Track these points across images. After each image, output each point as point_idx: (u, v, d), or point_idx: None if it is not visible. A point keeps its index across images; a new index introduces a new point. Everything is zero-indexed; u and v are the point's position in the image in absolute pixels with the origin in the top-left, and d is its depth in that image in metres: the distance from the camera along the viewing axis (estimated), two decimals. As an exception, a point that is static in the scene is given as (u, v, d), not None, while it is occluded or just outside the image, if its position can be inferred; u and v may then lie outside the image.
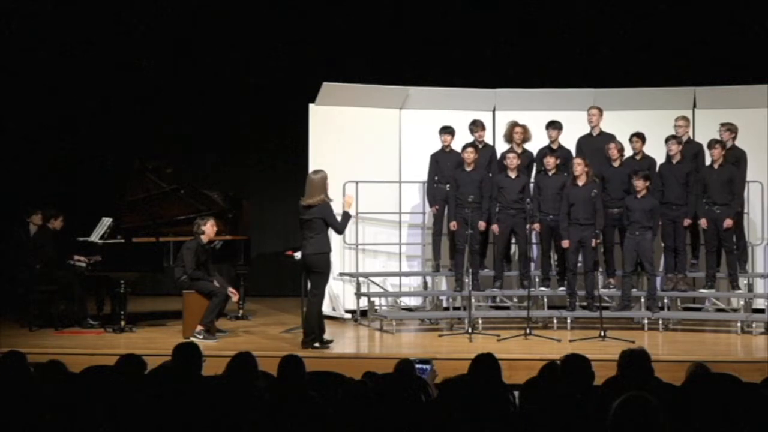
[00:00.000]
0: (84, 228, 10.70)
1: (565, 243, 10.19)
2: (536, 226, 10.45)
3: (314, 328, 8.98)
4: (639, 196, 10.06)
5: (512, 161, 10.49)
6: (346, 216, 9.08)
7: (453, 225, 10.55)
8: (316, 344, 8.93)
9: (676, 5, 12.32)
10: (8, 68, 12.28)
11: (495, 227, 10.60)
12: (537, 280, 10.85)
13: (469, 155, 10.49)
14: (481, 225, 10.44)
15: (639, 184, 10.04)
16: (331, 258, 9.21)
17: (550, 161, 10.46)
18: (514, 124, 10.94)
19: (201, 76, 13.26)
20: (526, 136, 10.89)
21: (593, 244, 10.01)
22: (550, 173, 10.50)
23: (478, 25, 12.73)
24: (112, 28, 12.93)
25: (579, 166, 10.14)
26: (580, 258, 10.30)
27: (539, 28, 12.69)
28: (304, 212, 8.97)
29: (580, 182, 10.12)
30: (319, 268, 8.95)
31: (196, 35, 13.12)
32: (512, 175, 10.50)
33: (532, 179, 10.85)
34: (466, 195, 10.23)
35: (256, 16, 13.03)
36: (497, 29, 12.79)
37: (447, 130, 10.90)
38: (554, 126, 10.84)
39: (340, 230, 9.16)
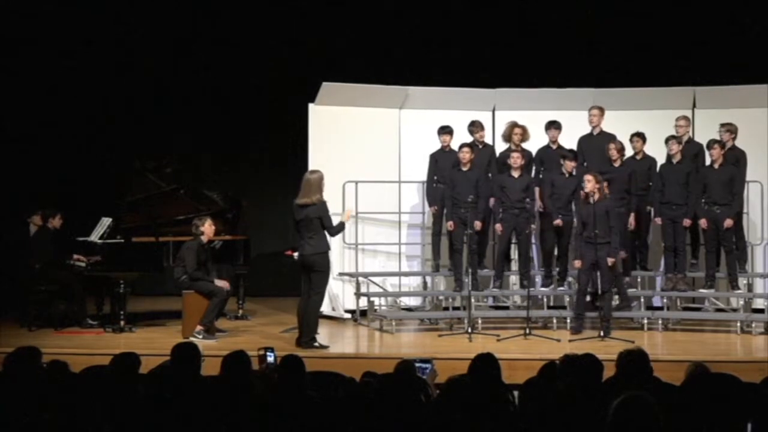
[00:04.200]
0: (84, 228, 10.70)
1: (577, 263, 9.85)
2: (559, 221, 10.39)
3: (313, 327, 8.99)
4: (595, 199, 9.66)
5: (516, 160, 10.41)
6: (341, 225, 9.10)
7: (450, 225, 10.55)
8: (316, 344, 8.94)
9: (676, 5, 12.31)
10: (8, 68, 12.27)
11: (498, 226, 10.57)
12: (537, 280, 10.84)
13: (465, 155, 10.45)
14: (477, 225, 10.42)
15: (568, 164, 10.24)
16: (330, 257, 9.22)
17: (569, 165, 10.36)
18: (513, 125, 10.93)
19: (201, 75, 13.25)
20: (525, 137, 10.89)
21: (609, 263, 9.57)
22: (566, 176, 10.42)
23: (478, 25, 12.72)
24: (112, 28, 12.92)
25: (590, 183, 9.58)
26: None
27: (539, 28, 12.68)
28: (299, 212, 8.96)
29: (593, 200, 9.57)
30: (319, 267, 8.95)
31: (196, 35, 13.12)
32: (515, 174, 10.47)
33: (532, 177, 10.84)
34: (464, 195, 10.23)
35: (256, 16, 13.03)
36: (497, 29, 12.78)
37: (445, 130, 10.90)
38: (554, 126, 10.84)
39: (332, 234, 9.14)
